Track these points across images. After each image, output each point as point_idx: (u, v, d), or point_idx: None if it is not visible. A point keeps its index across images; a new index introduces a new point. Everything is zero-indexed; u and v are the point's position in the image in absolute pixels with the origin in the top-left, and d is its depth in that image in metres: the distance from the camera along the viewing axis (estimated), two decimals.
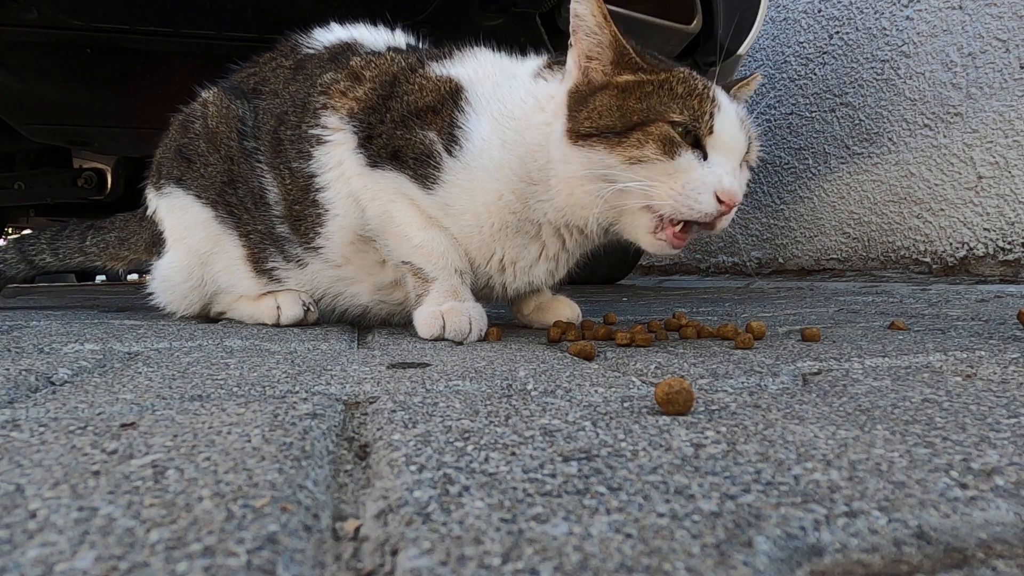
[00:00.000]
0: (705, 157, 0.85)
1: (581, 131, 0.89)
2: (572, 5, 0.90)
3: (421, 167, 1.00)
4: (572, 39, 0.93)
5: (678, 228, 0.87)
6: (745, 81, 1.03)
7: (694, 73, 0.90)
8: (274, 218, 1.14)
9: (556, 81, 1.00)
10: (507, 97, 1.02)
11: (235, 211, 1.17)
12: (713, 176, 0.83)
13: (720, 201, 0.82)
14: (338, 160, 1.06)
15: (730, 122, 0.86)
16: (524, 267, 1.05)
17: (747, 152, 0.91)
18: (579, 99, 0.91)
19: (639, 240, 0.92)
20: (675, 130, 0.84)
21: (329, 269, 1.15)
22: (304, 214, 1.10)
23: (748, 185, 0.96)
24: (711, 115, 0.85)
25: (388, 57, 1.10)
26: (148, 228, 1.30)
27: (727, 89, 0.98)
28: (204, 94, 1.23)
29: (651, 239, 0.89)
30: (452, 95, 1.02)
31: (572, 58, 0.94)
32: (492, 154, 0.98)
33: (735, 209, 0.86)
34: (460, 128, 0.99)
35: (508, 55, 1.11)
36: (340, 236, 1.09)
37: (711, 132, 0.85)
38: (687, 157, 0.84)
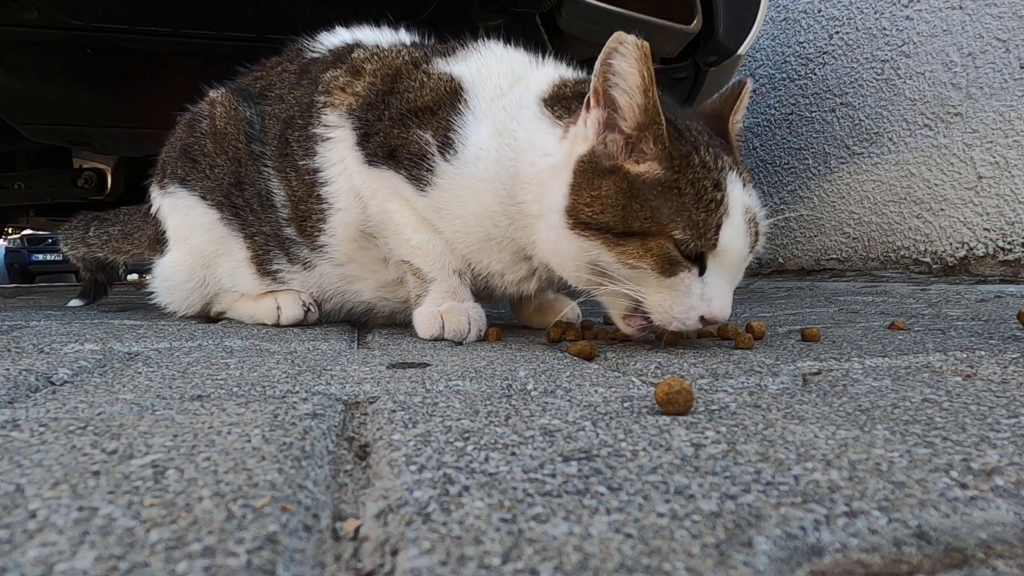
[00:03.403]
0: (703, 270, 0.80)
1: (580, 218, 0.81)
2: (612, 60, 0.79)
3: (415, 168, 0.98)
4: (593, 98, 0.82)
5: (648, 321, 0.84)
6: (738, 102, 0.92)
7: (708, 163, 0.80)
8: (281, 221, 1.14)
9: (557, 133, 0.89)
10: (511, 108, 0.96)
11: (241, 213, 1.16)
12: (703, 301, 0.79)
13: (704, 320, 0.80)
14: (341, 156, 1.05)
15: (737, 232, 0.79)
16: (513, 280, 1.03)
17: (752, 249, 0.83)
18: (587, 174, 0.82)
19: (609, 314, 0.90)
20: (676, 248, 0.78)
21: (333, 268, 1.14)
22: (309, 211, 1.10)
23: None
24: (718, 227, 0.78)
25: (394, 51, 1.07)
26: (152, 225, 1.30)
27: (724, 115, 0.91)
28: (212, 93, 1.23)
29: (621, 321, 0.87)
30: (451, 95, 0.98)
31: (590, 121, 0.84)
32: (487, 165, 0.94)
33: None
34: (456, 131, 0.96)
35: (524, 52, 1.06)
36: (343, 232, 1.08)
37: (715, 247, 0.78)
38: (683, 276, 0.79)
